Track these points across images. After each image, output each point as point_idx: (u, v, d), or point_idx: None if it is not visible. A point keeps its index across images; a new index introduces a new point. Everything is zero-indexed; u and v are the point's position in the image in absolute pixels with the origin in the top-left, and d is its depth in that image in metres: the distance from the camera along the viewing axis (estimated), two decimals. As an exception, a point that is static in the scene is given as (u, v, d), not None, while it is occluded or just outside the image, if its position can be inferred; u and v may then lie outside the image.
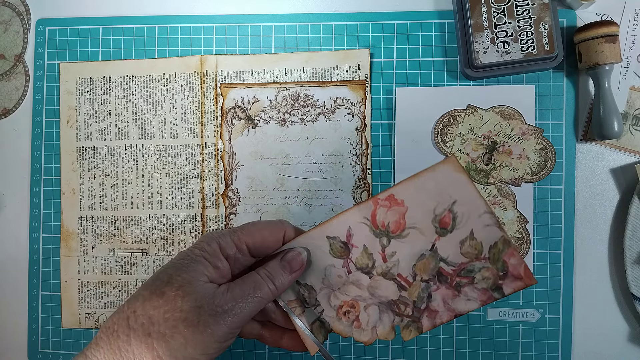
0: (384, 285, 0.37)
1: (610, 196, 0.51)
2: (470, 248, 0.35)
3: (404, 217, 0.36)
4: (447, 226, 0.35)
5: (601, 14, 0.51)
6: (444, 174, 0.35)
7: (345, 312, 0.38)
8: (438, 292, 0.36)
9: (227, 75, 0.54)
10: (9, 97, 0.58)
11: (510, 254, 0.35)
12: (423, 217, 0.36)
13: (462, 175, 0.35)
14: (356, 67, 0.53)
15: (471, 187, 0.35)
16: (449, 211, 0.35)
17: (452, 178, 0.35)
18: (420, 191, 0.35)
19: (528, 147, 0.50)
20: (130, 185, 0.55)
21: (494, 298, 0.35)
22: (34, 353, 0.56)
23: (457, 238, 0.35)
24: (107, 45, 0.56)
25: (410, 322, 0.37)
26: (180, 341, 0.30)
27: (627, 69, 0.50)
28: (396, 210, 0.36)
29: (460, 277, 0.36)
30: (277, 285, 0.34)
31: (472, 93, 0.51)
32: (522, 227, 0.50)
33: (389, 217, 0.36)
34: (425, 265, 0.36)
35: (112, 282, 0.55)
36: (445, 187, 0.35)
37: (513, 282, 0.35)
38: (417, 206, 0.36)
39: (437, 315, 0.36)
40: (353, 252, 0.37)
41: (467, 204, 0.35)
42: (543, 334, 0.50)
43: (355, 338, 0.37)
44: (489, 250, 0.35)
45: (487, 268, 0.35)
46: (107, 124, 0.56)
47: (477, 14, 0.48)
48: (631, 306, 0.49)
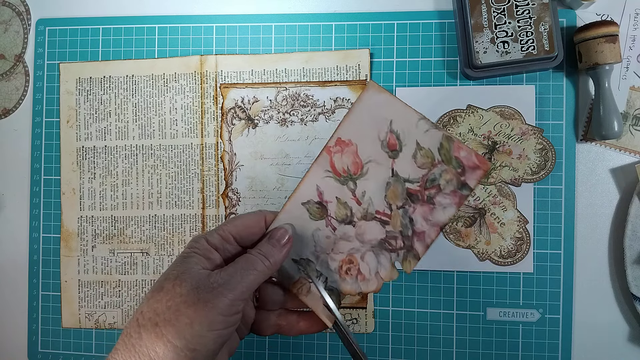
0: (369, 228, 0.38)
1: (610, 196, 0.51)
2: (423, 158, 0.36)
3: (357, 155, 0.37)
4: (395, 147, 0.36)
5: (601, 14, 0.51)
6: (371, 99, 0.36)
7: (346, 270, 0.38)
8: (417, 213, 0.37)
9: (227, 75, 0.54)
10: (9, 97, 0.58)
11: (457, 148, 0.36)
12: (373, 147, 0.37)
13: (384, 94, 0.36)
14: (356, 67, 0.53)
15: (397, 102, 0.36)
16: (391, 132, 0.36)
17: (378, 100, 0.36)
18: (360, 124, 0.37)
19: (528, 147, 0.50)
20: (130, 185, 0.55)
21: (465, 195, 0.36)
22: (34, 353, 0.56)
23: (409, 154, 0.36)
24: (107, 45, 0.56)
25: (406, 253, 0.37)
26: (185, 321, 0.30)
27: (627, 69, 0.50)
28: (349, 151, 0.37)
29: (427, 189, 0.36)
30: (271, 261, 0.35)
31: (472, 93, 0.51)
32: (522, 227, 0.50)
33: (345, 160, 0.37)
34: (394, 192, 0.37)
35: (112, 282, 0.55)
36: (377, 111, 0.36)
37: (473, 173, 0.35)
38: (364, 139, 0.37)
39: (425, 235, 0.37)
40: (330, 208, 0.38)
41: (401, 119, 0.36)
42: (543, 334, 0.50)
43: (364, 291, 0.38)
44: (439, 153, 0.36)
45: (446, 170, 0.36)
46: (107, 124, 0.56)
47: (477, 14, 0.48)
48: (631, 306, 0.49)
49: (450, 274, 0.51)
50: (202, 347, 0.31)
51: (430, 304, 0.52)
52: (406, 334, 0.52)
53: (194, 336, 0.30)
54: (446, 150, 0.36)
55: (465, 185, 0.36)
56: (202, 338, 0.31)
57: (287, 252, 0.37)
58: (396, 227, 0.37)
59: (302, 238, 0.38)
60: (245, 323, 0.38)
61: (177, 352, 0.30)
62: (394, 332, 0.52)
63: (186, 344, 0.30)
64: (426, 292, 0.52)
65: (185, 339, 0.30)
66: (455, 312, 0.51)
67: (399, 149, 0.36)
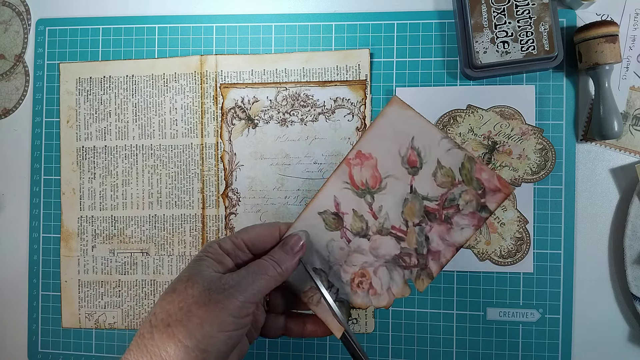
0: (384, 243, 0.37)
1: (610, 196, 0.51)
2: (443, 177, 0.36)
3: (377, 169, 0.37)
4: (415, 164, 0.36)
5: (601, 14, 0.51)
6: (394, 114, 0.36)
7: (358, 283, 0.38)
8: (433, 232, 0.36)
9: (227, 75, 0.54)
10: (9, 97, 0.58)
11: (479, 170, 0.35)
12: (393, 162, 0.37)
13: (409, 110, 0.36)
14: (356, 67, 0.53)
15: (421, 119, 0.36)
16: (412, 148, 0.36)
17: (402, 116, 0.36)
18: (382, 139, 0.37)
19: (528, 147, 0.50)
20: (130, 185, 0.55)
21: (484, 218, 0.35)
22: (34, 353, 0.56)
23: (429, 172, 0.36)
24: (107, 45, 0.56)
25: (420, 271, 0.37)
26: (196, 322, 0.31)
27: (627, 69, 0.50)
28: (368, 165, 0.37)
29: (445, 209, 0.36)
30: (283, 268, 0.35)
31: (472, 93, 0.51)
32: (522, 227, 0.50)
33: (364, 173, 0.37)
34: (411, 209, 0.37)
35: (112, 282, 0.55)
36: (400, 127, 0.36)
37: (494, 196, 0.35)
38: (384, 154, 0.37)
39: (440, 255, 0.36)
40: (345, 220, 0.38)
41: (424, 136, 0.36)
42: (543, 334, 0.50)
43: (374, 305, 0.38)
44: (460, 173, 0.36)
45: (466, 191, 0.36)
46: (107, 124, 0.56)
47: (477, 14, 0.48)
48: (631, 306, 0.49)
49: (450, 274, 0.51)
50: (213, 347, 0.31)
51: (430, 304, 0.52)
52: (406, 334, 0.52)
53: (204, 336, 0.31)
54: (467, 170, 0.35)
55: (485, 208, 0.35)
56: (212, 339, 0.31)
57: (298, 260, 0.37)
58: (411, 244, 0.37)
59: (316, 248, 0.38)
60: (256, 327, 0.38)
61: (188, 352, 0.30)
62: (394, 332, 0.52)
63: (197, 344, 0.31)
64: (426, 292, 0.52)
65: (196, 339, 0.31)
66: (455, 312, 0.51)
67: (419, 166, 0.36)
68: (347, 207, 0.38)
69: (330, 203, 0.38)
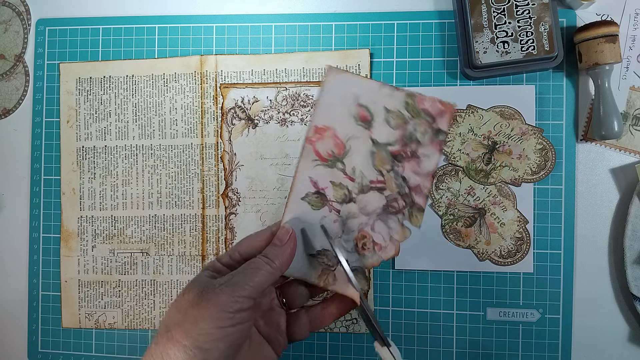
0: (369, 199, 0.39)
1: (610, 196, 0.51)
2: (395, 120, 0.38)
3: (337, 136, 0.39)
4: (367, 118, 0.38)
5: (601, 14, 0.51)
6: (332, 83, 0.39)
7: (362, 245, 0.39)
8: (406, 170, 0.39)
9: (227, 75, 0.54)
10: (9, 97, 0.58)
11: (421, 101, 0.38)
12: (348, 125, 0.39)
13: (344, 74, 0.39)
14: (356, 67, 0.53)
15: (356, 77, 0.39)
16: (359, 106, 0.38)
17: (341, 82, 0.38)
18: (331, 108, 0.39)
19: (528, 147, 0.50)
20: (130, 185, 0.55)
21: (443, 140, 0.38)
22: (34, 353, 0.56)
23: (382, 120, 0.38)
24: (107, 45, 0.56)
25: (410, 209, 0.39)
26: (190, 320, 0.32)
27: (627, 69, 0.50)
28: (328, 136, 0.39)
29: (408, 146, 0.38)
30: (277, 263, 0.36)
31: (472, 93, 0.51)
32: (522, 227, 0.50)
33: (327, 145, 0.39)
34: (380, 158, 0.39)
35: (112, 282, 0.55)
36: (342, 91, 0.38)
37: (442, 118, 0.38)
38: (339, 121, 0.39)
39: (421, 187, 0.39)
40: (327, 194, 0.39)
41: (365, 91, 0.38)
42: (543, 334, 0.50)
43: (385, 258, 0.40)
44: (407, 110, 0.38)
45: (419, 124, 0.38)
46: (107, 124, 0.56)
47: (477, 14, 0.48)
48: (631, 306, 0.49)
49: (450, 274, 0.51)
50: (211, 345, 0.31)
51: (430, 304, 0.52)
52: (406, 334, 0.52)
53: (200, 334, 0.31)
54: (412, 106, 0.38)
55: (439, 131, 0.38)
56: (209, 336, 0.31)
57: (293, 251, 0.37)
58: (393, 189, 0.39)
59: (313, 231, 0.39)
60: (280, 331, 0.39)
61: (186, 352, 0.31)
62: (394, 332, 0.52)
63: (193, 342, 0.31)
64: (426, 292, 0.52)
65: (192, 337, 0.31)
66: (455, 312, 0.51)
67: (372, 119, 0.38)
68: (324, 181, 0.39)
69: (308, 185, 0.39)
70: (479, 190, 0.51)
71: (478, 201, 0.51)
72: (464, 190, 0.51)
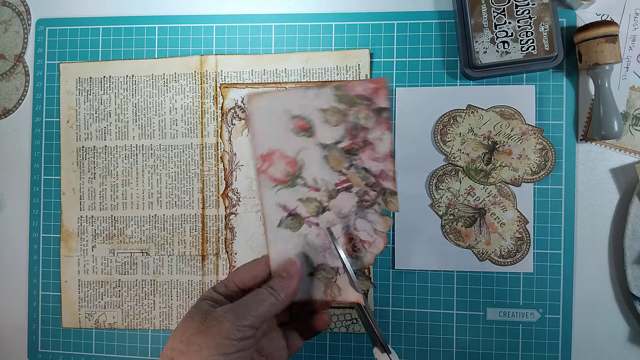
0: (341, 202, 0.39)
1: (610, 196, 0.51)
2: (334, 116, 0.38)
3: (285, 155, 0.38)
4: (307, 127, 0.38)
5: (601, 14, 0.51)
6: (257, 107, 0.38)
7: (352, 248, 0.39)
8: (365, 160, 0.38)
9: (227, 75, 0.54)
10: (9, 97, 0.58)
11: (351, 88, 0.38)
12: (291, 140, 0.38)
13: (265, 95, 0.38)
14: (356, 67, 0.53)
15: (278, 93, 0.39)
16: (294, 118, 0.38)
17: (264, 103, 0.38)
18: (266, 131, 0.38)
19: (528, 147, 0.50)
20: (130, 185, 0.55)
21: (385, 117, 0.38)
22: (34, 353, 0.56)
23: (322, 123, 0.38)
24: (107, 45, 0.56)
25: (383, 197, 0.39)
26: (195, 348, 0.32)
27: (627, 69, 0.50)
28: (277, 158, 0.38)
29: (356, 137, 0.38)
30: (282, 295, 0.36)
31: (472, 93, 0.51)
32: (522, 227, 0.50)
33: (279, 167, 0.39)
34: (335, 159, 0.38)
35: (112, 282, 0.55)
36: (270, 111, 0.38)
37: (378, 95, 0.37)
38: (280, 140, 0.38)
39: (385, 172, 0.38)
40: (300, 212, 0.39)
41: (293, 102, 0.38)
42: (543, 334, 0.50)
43: (376, 252, 0.39)
44: (341, 103, 0.38)
45: (358, 111, 0.38)
46: (107, 124, 0.56)
47: (477, 14, 0.48)
48: (631, 306, 0.49)
49: (450, 274, 0.51)
50: None
51: (430, 304, 0.52)
52: (406, 334, 0.52)
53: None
54: (344, 97, 0.38)
55: (379, 110, 0.38)
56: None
57: (298, 283, 0.37)
58: (360, 184, 0.38)
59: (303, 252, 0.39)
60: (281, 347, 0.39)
61: None
62: (394, 332, 0.52)
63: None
64: (426, 292, 0.52)
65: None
66: (455, 312, 0.51)
67: (311, 125, 0.38)
68: (292, 202, 0.39)
69: (278, 212, 0.39)
70: (479, 190, 0.51)
71: (478, 201, 0.51)
72: (464, 190, 0.51)
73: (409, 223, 0.51)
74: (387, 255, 0.52)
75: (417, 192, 0.51)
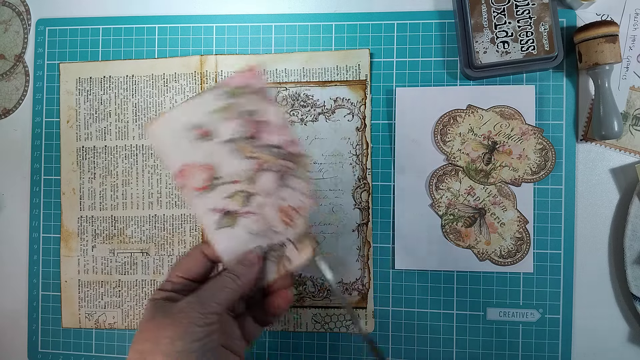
0: (262, 182, 0.40)
1: (610, 196, 0.51)
2: (226, 113, 0.39)
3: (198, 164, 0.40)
4: (208, 131, 0.39)
5: (601, 14, 0.51)
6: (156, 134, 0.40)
7: (288, 218, 0.40)
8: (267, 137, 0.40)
9: (227, 75, 0.54)
10: (9, 97, 0.58)
11: (230, 82, 0.40)
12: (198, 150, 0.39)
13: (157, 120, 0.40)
14: (356, 67, 0.53)
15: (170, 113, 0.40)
16: (194, 129, 0.39)
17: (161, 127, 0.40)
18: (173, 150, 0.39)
19: (528, 147, 0.50)
20: (130, 185, 0.55)
21: (267, 94, 0.40)
22: (34, 353, 0.56)
23: (219, 123, 0.39)
24: (107, 45, 0.56)
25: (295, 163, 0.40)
26: (166, 342, 0.32)
27: (627, 69, 0.50)
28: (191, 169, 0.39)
29: (252, 121, 0.40)
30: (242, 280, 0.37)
31: (472, 93, 0.51)
32: (522, 227, 0.50)
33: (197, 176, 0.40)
34: (242, 148, 0.39)
35: (112, 282, 0.55)
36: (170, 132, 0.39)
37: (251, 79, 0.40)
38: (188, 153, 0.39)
39: (287, 141, 0.40)
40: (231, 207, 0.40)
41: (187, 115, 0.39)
42: (543, 334, 0.50)
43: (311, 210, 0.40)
44: (229, 98, 0.39)
45: (243, 99, 0.40)
46: (107, 124, 0.56)
47: (477, 14, 0.48)
48: (631, 306, 0.49)
49: (450, 274, 0.51)
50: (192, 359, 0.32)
51: (430, 304, 0.52)
52: (406, 334, 0.52)
53: (180, 352, 0.32)
54: (228, 92, 0.39)
55: (259, 90, 0.40)
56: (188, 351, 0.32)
57: (258, 271, 0.38)
58: (271, 159, 0.40)
59: (252, 239, 0.40)
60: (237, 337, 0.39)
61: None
62: (394, 332, 0.52)
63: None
64: (426, 292, 0.52)
65: (172, 357, 0.32)
66: (455, 312, 0.51)
67: (212, 129, 0.39)
68: (220, 202, 0.39)
69: (212, 215, 0.39)
70: (479, 190, 0.51)
71: (478, 201, 0.51)
72: (464, 190, 0.51)
73: (409, 223, 0.51)
74: (387, 255, 0.52)
75: (417, 192, 0.51)
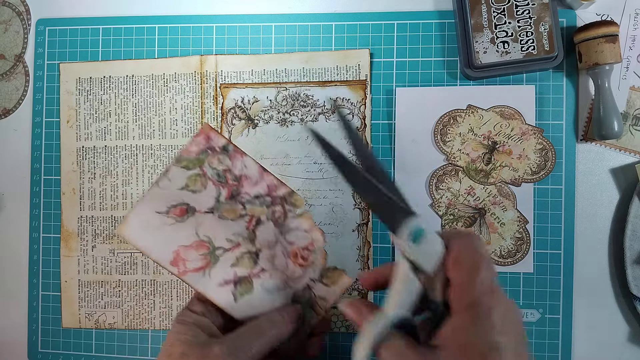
0: (262, 235, 0.40)
1: (610, 196, 0.51)
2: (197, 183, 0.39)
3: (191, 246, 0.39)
4: (185, 210, 0.39)
5: (601, 14, 0.51)
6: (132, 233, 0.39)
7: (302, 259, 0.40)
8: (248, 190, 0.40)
9: (227, 75, 0.54)
10: (9, 97, 0.58)
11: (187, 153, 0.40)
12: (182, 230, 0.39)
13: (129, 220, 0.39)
14: (356, 67, 0.53)
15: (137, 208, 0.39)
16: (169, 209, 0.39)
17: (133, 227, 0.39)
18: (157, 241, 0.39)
19: (528, 147, 0.50)
20: (130, 185, 0.55)
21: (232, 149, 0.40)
22: (34, 353, 0.56)
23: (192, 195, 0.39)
24: (107, 45, 0.56)
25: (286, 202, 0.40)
26: None
27: (627, 69, 0.50)
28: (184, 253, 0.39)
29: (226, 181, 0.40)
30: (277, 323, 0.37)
31: (472, 93, 0.51)
32: (522, 227, 0.50)
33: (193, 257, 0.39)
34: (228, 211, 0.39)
35: (112, 282, 0.55)
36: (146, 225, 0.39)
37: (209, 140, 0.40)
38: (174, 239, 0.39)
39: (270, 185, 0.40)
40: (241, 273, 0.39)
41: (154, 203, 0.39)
42: (543, 334, 0.50)
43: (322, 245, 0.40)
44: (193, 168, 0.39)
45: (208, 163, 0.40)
46: (107, 124, 0.56)
47: (477, 14, 0.48)
48: (631, 306, 0.49)
49: (450, 274, 0.51)
50: None
51: (430, 304, 0.52)
52: (406, 334, 0.52)
53: None
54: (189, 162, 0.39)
55: (224, 147, 0.39)
56: None
57: (294, 328, 0.38)
58: (263, 211, 0.39)
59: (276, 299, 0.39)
60: None
61: None
62: (394, 332, 0.52)
63: None
64: (426, 292, 0.52)
65: None
66: (455, 312, 0.51)
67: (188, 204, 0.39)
68: (229, 272, 0.39)
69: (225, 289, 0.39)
70: (479, 190, 0.51)
71: (478, 201, 0.51)
72: (464, 190, 0.51)
73: (409, 223, 0.51)
74: (387, 255, 0.52)
75: (417, 192, 0.51)
